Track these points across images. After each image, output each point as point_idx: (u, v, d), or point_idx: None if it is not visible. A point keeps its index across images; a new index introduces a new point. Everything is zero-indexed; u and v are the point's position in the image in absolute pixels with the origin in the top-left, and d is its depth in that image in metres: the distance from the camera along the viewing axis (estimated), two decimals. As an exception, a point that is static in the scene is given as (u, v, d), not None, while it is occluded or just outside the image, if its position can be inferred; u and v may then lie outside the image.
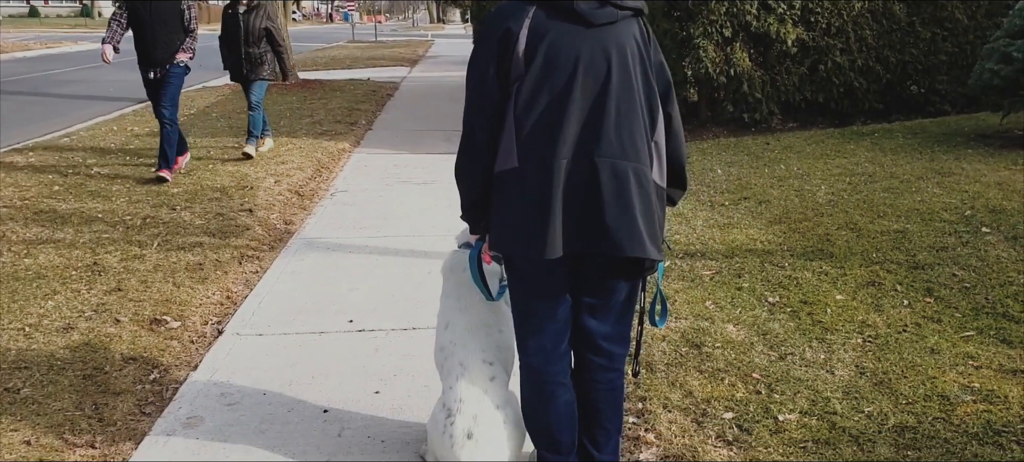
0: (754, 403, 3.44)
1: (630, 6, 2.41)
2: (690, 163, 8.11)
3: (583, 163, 2.36)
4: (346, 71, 20.30)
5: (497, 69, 2.39)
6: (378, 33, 42.01)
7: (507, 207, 2.45)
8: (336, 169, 8.57)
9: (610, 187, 2.36)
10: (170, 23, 7.37)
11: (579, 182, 2.36)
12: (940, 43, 9.90)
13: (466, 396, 2.70)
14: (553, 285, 2.52)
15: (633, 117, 2.40)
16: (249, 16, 8.70)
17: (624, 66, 2.39)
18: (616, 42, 2.39)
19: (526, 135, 2.37)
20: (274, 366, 3.87)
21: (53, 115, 12.68)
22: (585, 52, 2.36)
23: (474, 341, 2.77)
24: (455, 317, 2.82)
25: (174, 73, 7.49)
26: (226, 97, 14.27)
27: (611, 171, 2.36)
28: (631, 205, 2.37)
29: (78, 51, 29.16)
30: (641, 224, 2.39)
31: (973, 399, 3.41)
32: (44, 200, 6.89)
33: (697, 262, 5.19)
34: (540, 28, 2.35)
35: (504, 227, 2.47)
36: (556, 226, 2.36)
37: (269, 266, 5.36)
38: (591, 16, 2.35)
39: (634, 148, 2.39)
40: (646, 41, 2.49)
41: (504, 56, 2.37)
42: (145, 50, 7.38)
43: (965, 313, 4.25)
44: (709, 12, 9.46)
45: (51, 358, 3.92)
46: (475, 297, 2.80)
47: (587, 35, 2.36)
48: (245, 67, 8.73)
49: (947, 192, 6.29)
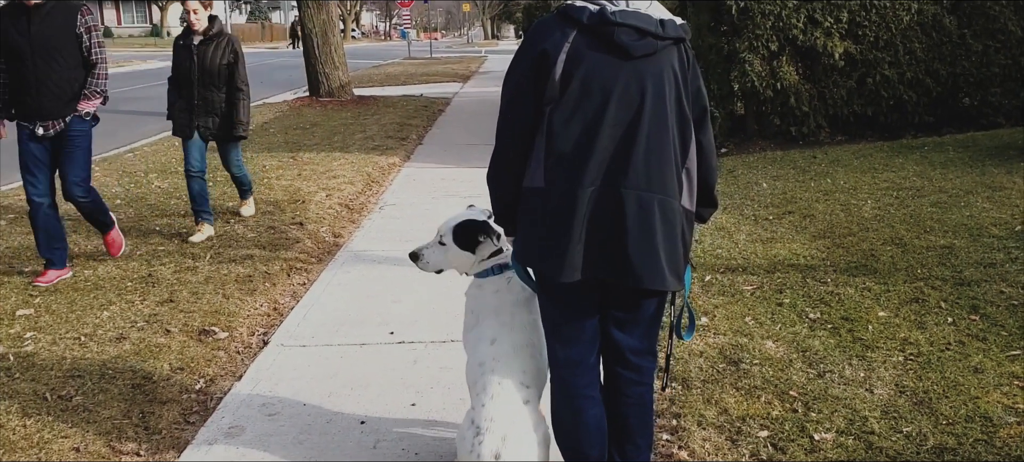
0: (790, 421, 3.42)
1: (671, 36, 2.42)
2: (736, 177, 8.08)
3: (610, 193, 2.39)
4: (400, 87, 20.60)
5: (533, 87, 2.43)
6: (433, 50, 42.50)
7: (530, 224, 2.51)
8: (386, 183, 8.73)
9: (635, 219, 2.38)
10: (63, 54, 5.17)
11: (604, 211, 2.40)
12: (992, 55, 9.66)
13: (498, 416, 2.67)
14: (579, 301, 2.56)
15: (663, 148, 2.42)
16: (207, 48, 6.24)
17: (659, 97, 2.41)
18: (653, 73, 2.41)
19: (555, 159, 2.42)
20: (315, 377, 3.98)
21: (121, 131, 13.10)
22: (620, 83, 2.39)
23: (517, 361, 2.77)
24: (502, 334, 2.79)
25: (77, 132, 5.29)
26: (283, 113, 14.61)
27: (637, 203, 2.39)
28: (654, 238, 2.40)
29: (147, 69, 30.14)
30: (663, 257, 2.42)
31: (1017, 421, 3.34)
32: (105, 214, 7.16)
33: (738, 277, 5.17)
34: (578, 55, 2.38)
35: (527, 242, 2.54)
36: (576, 251, 2.41)
37: (316, 278, 5.50)
38: (631, 48, 2.37)
39: (661, 180, 2.42)
40: (685, 68, 2.50)
41: (540, 76, 2.41)
42: (27, 96, 5.16)
43: (1012, 331, 4.16)
44: (755, 26, 9.40)
45: (103, 367, 4.09)
46: (522, 318, 2.82)
47: (624, 66, 2.39)
48: (199, 119, 6.30)
49: (997, 207, 6.15)
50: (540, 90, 2.42)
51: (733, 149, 9.89)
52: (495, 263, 2.87)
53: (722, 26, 9.80)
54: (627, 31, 2.36)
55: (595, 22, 2.37)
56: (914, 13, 9.54)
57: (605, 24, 2.36)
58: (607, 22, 2.36)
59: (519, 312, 2.82)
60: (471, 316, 2.91)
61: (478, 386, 2.76)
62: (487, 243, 2.85)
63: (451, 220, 2.97)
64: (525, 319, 2.83)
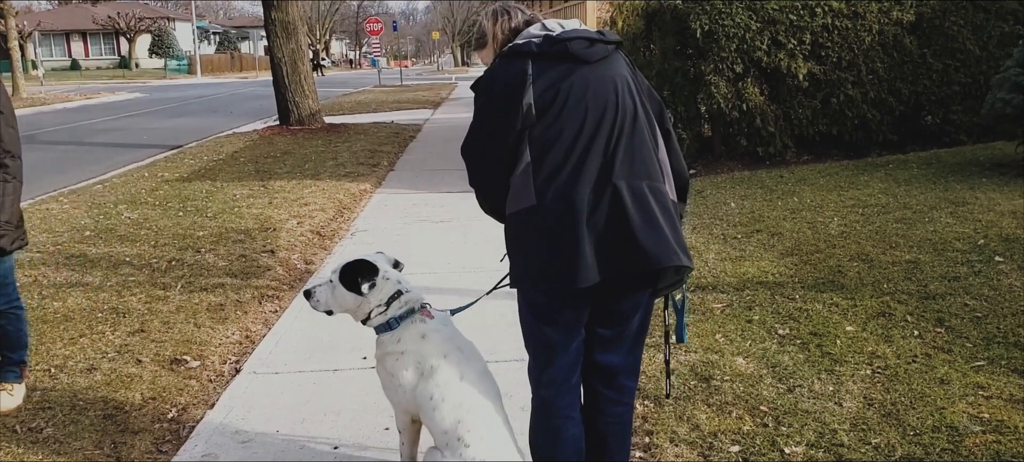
0: (761, 436, 3.46)
1: (613, 40, 2.58)
2: (705, 197, 8.18)
3: (604, 190, 2.43)
4: (371, 115, 20.61)
5: (506, 132, 2.48)
6: (404, 77, 42.59)
7: (526, 246, 2.51)
8: (357, 209, 8.73)
9: (634, 206, 2.42)
10: None
11: (603, 209, 2.42)
12: (953, 74, 9.90)
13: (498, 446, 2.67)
14: (571, 318, 2.56)
15: (641, 140, 2.51)
16: None
17: (626, 94, 2.53)
18: (614, 74, 2.54)
19: (545, 175, 2.44)
20: (289, 404, 3.96)
21: (90, 163, 13.02)
22: (590, 88, 2.49)
23: (492, 387, 2.79)
24: (465, 367, 2.77)
25: None
26: (254, 142, 14.57)
27: (631, 191, 2.43)
28: (656, 219, 2.44)
29: (115, 101, 30.02)
30: (668, 234, 2.45)
31: (982, 430, 3.40)
32: (76, 245, 7.09)
33: (708, 295, 5.23)
34: (544, 77, 2.47)
35: (526, 265, 2.53)
36: (587, 254, 2.40)
37: (288, 305, 5.49)
38: (586, 55, 2.49)
39: (646, 168, 2.49)
40: (632, 70, 2.64)
41: (512, 114, 2.46)
42: None
43: (976, 343, 4.25)
44: (720, 49, 9.56)
45: (74, 398, 4.04)
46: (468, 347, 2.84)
47: (588, 73, 2.50)
48: None
49: (960, 222, 6.28)
50: (513, 127, 2.47)
51: (701, 170, 10.01)
52: (403, 310, 2.82)
53: (687, 49, 9.95)
54: (578, 43, 2.49)
55: (546, 46, 2.50)
56: (875, 34, 9.77)
57: (556, 43, 2.49)
58: (557, 41, 2.50)
59: (461, 342, 2.83)
60: (411, 371, 2.78)
61: (466, 423, 2.67)
62: (375, 290, 2.79)
63: (343, 260, 2.90)
64: (470, 348, 2.84)
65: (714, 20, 9.55)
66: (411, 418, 2.92)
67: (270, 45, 16.31)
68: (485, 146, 2.57)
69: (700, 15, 9.55)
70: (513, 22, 2.65)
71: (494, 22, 2.69)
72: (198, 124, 19.67)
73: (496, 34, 2.68)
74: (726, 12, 9.55)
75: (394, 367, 2.81)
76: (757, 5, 9.62)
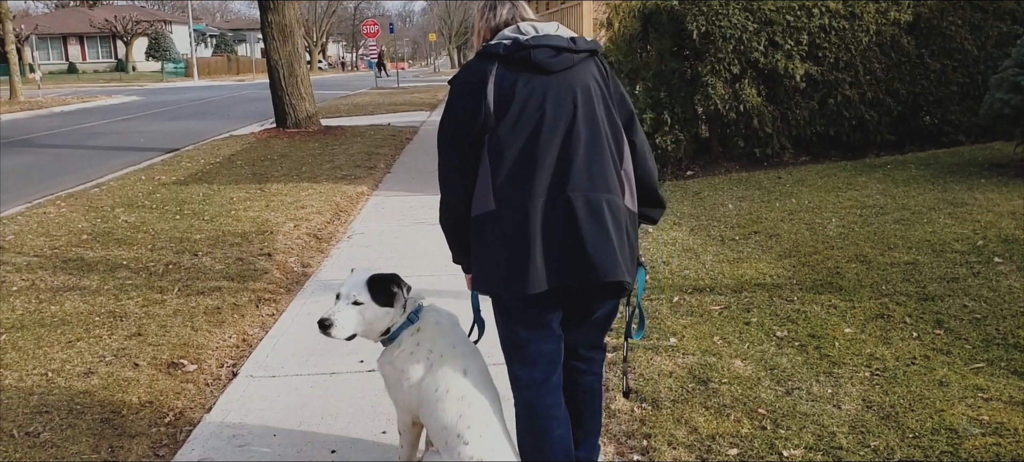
0: (759, 439, 3.46)
1: (584, 49, 2.63)
2: (702, 198, 8.17)
3: (559, 200, 2.50)
4: (368, 117, 20.60)
5: (468, 126, 2.56)
6: (400, 79, 42.58)
7: (486, 248, 2.58)
8: (354, 212, 8.71)
9: (586, 219, 2.49)
10: None
11: (557, 218, 2.49)
12: (950, 74, 9.89)
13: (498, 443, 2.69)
14: (540, 317, 2.64)
15: (600, 152, 2.56)
16: None
17: (588, 105, 2.58)
18: (578, 84, 2.59)
19: (501, 180, 2.52)
20: (286, 407, 3.95)
21: (87, 166, 13.00)
22: (550, 97, 2.54)
23: (490, 385, 2.81)
24: (469, 363, 2.81)
25: None
26: (251, 144, 14.55)
27: (585, 204, 2.50)
28: (608, 233, 2.51)
29: (112, 104, 29.95)
30: (617, 250, 2.52)
31: (982, 432, 3.39)
32: (73, 249, 7.07)
33: (706, 297, 5.22)
34: (504, 81, 2.55)
35: (486, 267, 2.60)
36: (537, 261, 2.49)
37: (285, 308, 5.47)
38: (549, 64, 2.55)
39: (604, 180, 2.55)
40: (605, 77, 2.69)
41: (473, 111, 2.55)
42: None
43: (975, 345, 4.24)
44: (717, 50, 9.55)
45: (71, 402, 4.03)
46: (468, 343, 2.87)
47: (549, 81, 2.56)
48: None
49: (959, 223, 6.28)
50: (476, 124, 2.55)
51: (698, 171, 10.00)
52: (417, 304, 2.88)
53: (684, 51, 9.94)
54: (543, 51, 2.55)
55: (512, 51, 2.56)
56: (872, 34, 9.76)
57: (521, 49, 2.56)
58: (523, 47, 2.56)
59: (466, 339, 2.87)
60: (422, 364, 2.80)
61: (467, 418, 2.69)
62: (400, 294, 2.81)
63: (359, 276, 2.84)
64: (474, 347, 2.87)
65: (711, 21, 9.54)
66: (412, 419, 2.92)
67: (266, 48, 16.28)
68: (450, 134, 2.63)
69: (697, 16, 9.54)
70: (495, 19, 2.72)
71: (480, 16, 2.78)
72: (195, 127, 19.65)
73: (481, 29, 2.77)
74: (723, 13, 9.54)
75: (406, 361, 2.81)
76: (754, 6, 9.60)
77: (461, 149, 2.59)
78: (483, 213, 2.55)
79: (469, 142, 2.57)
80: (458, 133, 2.59)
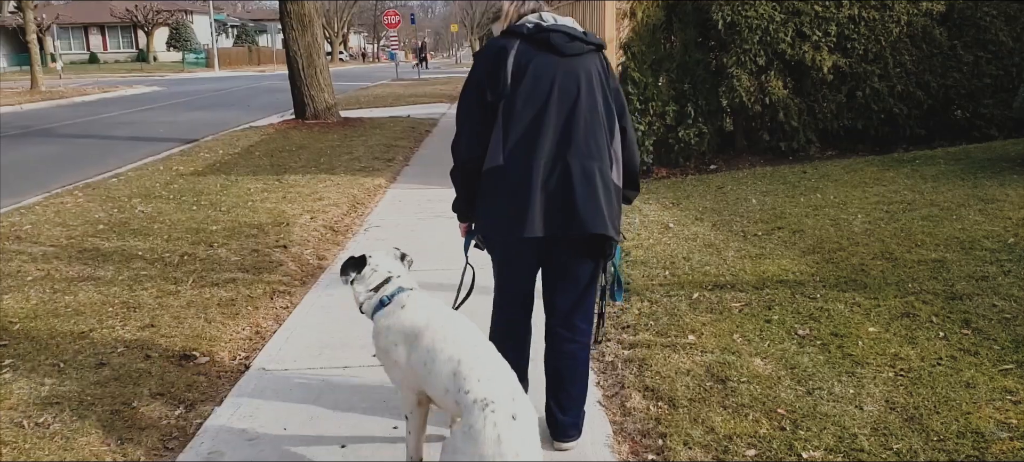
0: (778, 440, 3.36)
1: (593, 43, 3.11)
2: (725, 193, 8.06)
3: (558, 163, 2.99)
4: (387, 109, 20.58)
5: (487, 91, 3.01)
6: (421, 71, 42.56)
7: (493, 197, 3.07)
8: (371, 204, 8.67)
9: (580, 181, 2.98)
10: None
11: (555, 178, 2.99)
12: (984, 66, 9.67)
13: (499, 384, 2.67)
14: (524, 262, 3.23)
15: (597, 128, 3.05)
16: None
17: (590, 89, 3.06)
18: (584, 70, 3.06)
19: (512, 140, 2.99)
20: (297, 401, 3.90)
21: (106, 156, 13.07)
22: (559, 76, 3.02)
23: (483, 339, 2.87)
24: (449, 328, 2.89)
25: None
26: (269, 136, 14.57)
27: (581, 169, 2.99)
28: (597, 195, 3.00)
29: (132, 94, 30.12)
30: (604, 210, 3.01)
31: (1010, 436, 3.29)
32: (89, 239, 7.08)
33: (726, 294, 5.12)
34: (523, 56, 3.02)
35: (491, 213, 3.11)
36: (535, 211, 2.98)
37: (299, 301, 5.43)
38: (563, 48, 3.03)
39: (599, 152, 3.03)
40: (605, 72, 3.16)
41: (495, 77, 3.00)
42: None
43: (1004, 346, 4.12)
44: (742, 41, 9.40)
45: (82, 394, 4.00)
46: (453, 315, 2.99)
47: (561, 63, 3.03)
48: None
49: (989, 219, 6.12)
50: (494, 90, 2.99)
51: (722, 165, 9.87)
52: (392, 290, 3.06)
53: (709, 41, 9.80)
54: (559, 35, 3.04)
55: (534, 32, 3.05)
56: (903, 25, 9.57)
57: (542, 31, 3.04)
58: (543, 30, 3.04)
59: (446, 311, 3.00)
60: (402, 346, 2.95)
61: (461, 373, 2.70)
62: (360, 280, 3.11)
63: None
64: (457, 315, 2.99)
65: (737, 11, 9.39)
66: (416, 398, 3.00)
67: (285, 38, 16.25)
68: (472, 96, 3.07)
69: (722, 6, 9.40)
70: (524, 7, 3.16)
71: (511, 1, 3.19)
72: (214, 118, 19.73)
73: (509, 12, 3.18)
74: (749, 3, 9.39)
75: (386, 343, 3.01)
76: (781, -5, 9.44)
77: (480, 110, 3.03)
78: (494, 167, 3.02)
79: (487, 105, 3.01)
80: (478, 96, 3.03)
